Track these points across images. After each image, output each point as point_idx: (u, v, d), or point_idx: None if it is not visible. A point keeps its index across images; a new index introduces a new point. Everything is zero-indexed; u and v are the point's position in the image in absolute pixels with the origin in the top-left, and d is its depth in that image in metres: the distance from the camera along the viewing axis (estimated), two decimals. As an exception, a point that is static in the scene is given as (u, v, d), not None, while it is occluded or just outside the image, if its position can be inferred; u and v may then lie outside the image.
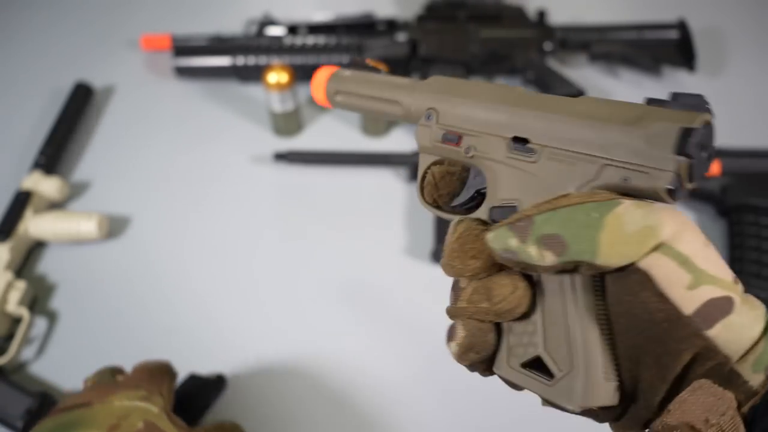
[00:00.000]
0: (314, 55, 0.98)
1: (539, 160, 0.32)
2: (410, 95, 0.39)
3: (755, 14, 1.14)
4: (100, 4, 1.22)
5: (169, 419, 0.50)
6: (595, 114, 0.31)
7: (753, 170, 0.80)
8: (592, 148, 0.30)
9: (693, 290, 0.27)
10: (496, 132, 0.34)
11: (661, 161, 0.28)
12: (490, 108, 0.35)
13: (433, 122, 0.37)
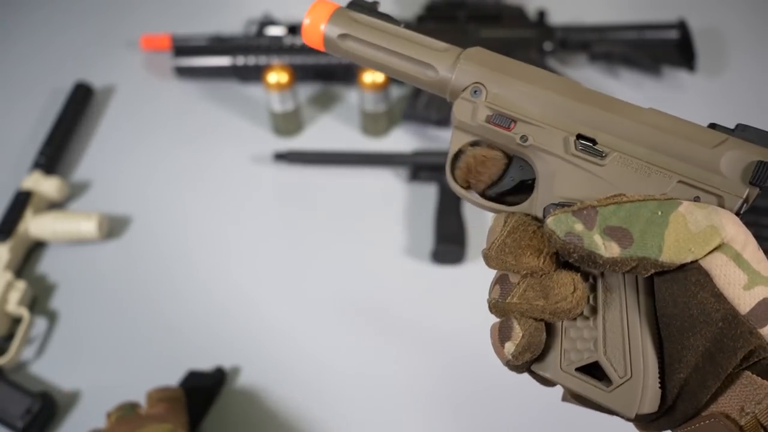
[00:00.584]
0: (314, 55, 0.98)
1: (609, 163, 0.31)
2: (452, 63, 0.35)
3: (755, 14, 1.14)
4: (100, 3, 1.22)
5: None
6: (675, 130, 0.31)
7: None
8: (670, 164, 0.31)
9: (748, 290, 0.28)
10: (560, 125, 0.33)
11: (734, 188, 0.30)
12: (554, 98, 0.33)
13: (481, 99, 0.34)
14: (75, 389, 0.69)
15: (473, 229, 0.81)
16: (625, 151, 0.32)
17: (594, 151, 0.32)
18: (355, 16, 0.37)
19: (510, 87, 0.34)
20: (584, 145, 0.32)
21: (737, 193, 0.30)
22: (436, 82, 0.36)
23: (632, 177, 0.31)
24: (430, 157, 0.86)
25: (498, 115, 0.34)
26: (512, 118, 0.33)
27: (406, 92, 1.01)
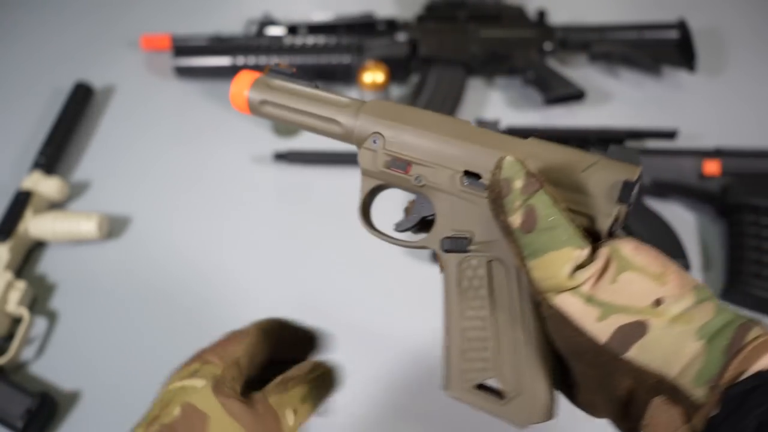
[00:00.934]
0: (314, 55, 0.98)
1: None
2: (353, 117, 0.38)
3: (755, 14, 1.14)
4: (101, 3, 1.22)
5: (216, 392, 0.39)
6: (546, 158, 0.33)
7: (753, 170, 0.80)
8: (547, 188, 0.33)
9: (602, 321, 0.30)
10: (447, 164, 0.35)
11: (604, 207, 0.32)
12: (441, 139, 0.36)
13: (379, 147, 0.38)
14: (75, 389, 0.69)
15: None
16: None
17: (478, 185, 0.34)
18: (271, 83, 0.41)
19: (403, 134, 0.37)
20: (470, 180, 0.35)
21: (607, 212, 0.32)
22: (343, 135, 0.39)
23: None
24: None
25: (395, 160, 0.37)
26: (407, 162, 0.37)
27: (406, 92, 1.01)
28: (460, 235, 0.35)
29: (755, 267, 0.72)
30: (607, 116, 0.95)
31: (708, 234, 0.81)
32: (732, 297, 0.73)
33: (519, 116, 0.97)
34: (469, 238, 0.35)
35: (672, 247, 0.75)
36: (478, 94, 1.01)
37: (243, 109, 0.42)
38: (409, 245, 0.39)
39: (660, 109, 0.96)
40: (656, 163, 0.81)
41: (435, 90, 0.95)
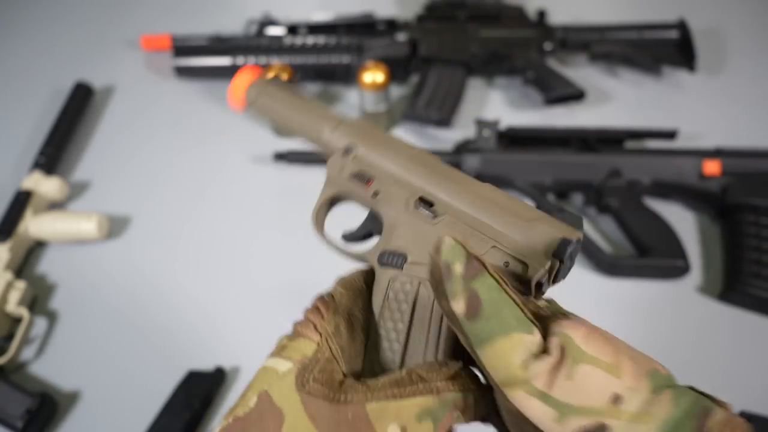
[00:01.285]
0: (314, 55, 0.98)
1: (438, 224, 0.36)
2: (334, 130, 0.41)
3: (755, 14, 1.14)
4: (100, 3, 1.22)
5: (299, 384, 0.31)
6: (497, 202, 0.36)
7: (753, 170, 0.80)
8: (489, 230, 0.35)
9: (560, 423, 0.28)
10: (407, 187, 0.38)
11: (539, 258, 0.33)
12: (407, 165, 0.38)
13: (350, 158, 0.40)
14: (75, 389, 0.69)
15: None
16: (455, 215, 0.36)
17: (430, 211, 0.37)
18: (270, 85, 0.45)
19: (373, 149, 0.40)
20: (423, 206, 0.37)
21: (540, 263, 0.33)
22: (322, 144, 0.42)
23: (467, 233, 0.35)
24: None
25: (360, 173, 0.39)
26: (370, 176, 0.39)
27: (406, 92, 1.01)
28: (400, 251, 0.36)
29: (755, 267, 0.72)
30: (607, 116, 0.95)
31: (708, 234, 0.81)
32: (732, 297, 0.73)
33: (519, 116, 0.97)
34: (405, 256, 0.36)
35: (672, 247, 0.75)
36: (478, 94, 1.01)
37: (239, 102, 0.45)
38: (350, 255, 0.41)
39: (660, 109, 0.96)
40: (656, 163, 0.81)
41: (435, 90, 0.95)
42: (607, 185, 0.81)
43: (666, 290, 0.75)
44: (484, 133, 0.85)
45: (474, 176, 0.44)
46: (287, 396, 0.31)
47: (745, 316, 0.72)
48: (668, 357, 0.72)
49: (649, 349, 0.72)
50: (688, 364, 0.69)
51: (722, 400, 0.30)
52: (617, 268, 0.75)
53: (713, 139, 0.90)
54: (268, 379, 0.32)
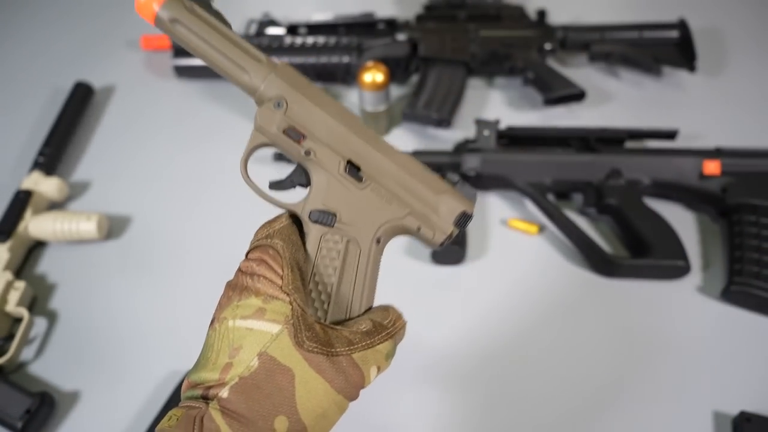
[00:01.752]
0: (314, 55, 0.98)
1: (366, 188, 0.41)
2: (264, 74, 0.41)
3: (755, 14, 1.14)
4: (100, 3, 1.22)
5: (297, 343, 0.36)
6: (415, 174, 0.42)
7: (753, 170, 0.79)
8: (409, 198, 0.42)
9: None
10: (337, 149, 0.41)
11: (444, 226, 0.43)
12: (338, 127, 0.41)
13: (281, 111, 0.41)
14: (75, 389, 0.69)
15: (473, 230, 0.81)
16: (379, 182, 0.41)
17: (357, 176, 0.41)
18: (192, 7, 0.40)
19: (306, 108, 0.41)
20: (351, 170, 0.41)
21: (445, 230, 0.43)
22: (248, 86, 0.42)
23: (378, 202, 0.41)
24: (429, 157, 0.85)
25: (292, 128, 0.41)
26: (302, 134, 0.41)
27: (406, 92, 1.01)
28: (330, 211, 0.40)
29: (755, 267, 0.72)
30: (607, 116, 0.95)
31: (708, 234, 0.81)
32: (732, 297, 0.73)
33: (519, 116, 0.97)
34: (336, 215, 0.40)
35: (672, 248, 0.75)
36: (478, 94, 1.01)
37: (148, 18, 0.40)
38: (277, 204, 0.43)
39: (660, 109, 0.96)
40: (656, 163, 0.81)
41: (435, 90, 0.95)
42: (607, 185, 0.81)
43: (666, 290, 0.75)
44: (484, 133, 0.85)
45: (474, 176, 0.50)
46: (291, 355, 0.36)
47: (745, 316, 0.72)
48: (668, 357, 0.72)
49: (648, 349, 0.73)
50: (689, 364, 0.69)
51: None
52: (617, 269, 0.75)
53: (713, 139, 0.90)
54: (262, 340, 0.36)
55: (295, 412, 0.36)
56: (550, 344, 0.71)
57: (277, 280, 0.38)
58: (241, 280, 0.39)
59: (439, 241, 0.43)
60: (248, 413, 0.35)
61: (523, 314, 0.74)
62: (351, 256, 0.41)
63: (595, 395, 0.66)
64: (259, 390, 0.35)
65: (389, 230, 0.42)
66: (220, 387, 0.36)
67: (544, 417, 0.65)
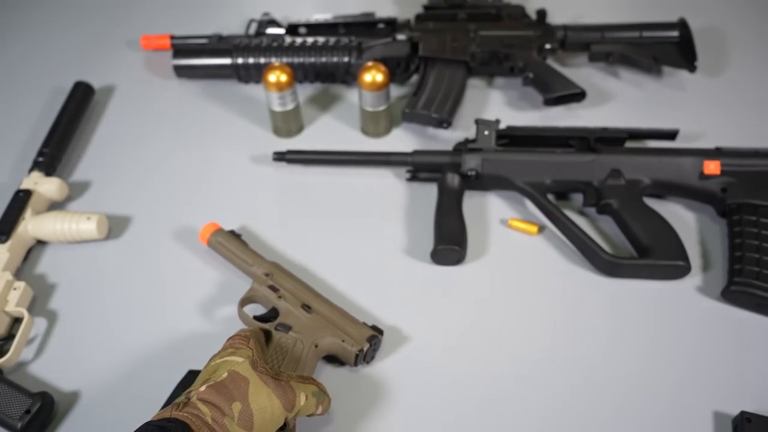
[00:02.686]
0: (314, 55, 0.98)
1: (315, 317, 0.69)
2: (260, 266, 0.74)
3: (756, 14, 1.14)
4: (100, 3, 1.22)
5: (252, 367, 0.57)
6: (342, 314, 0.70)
7: (753, 170, 0.79)
8: (340, 327, 0.69)
9: None
10: (298, 297, 0.71)
11: (361, 343, 0.67)
12: (299, 288, 0.72)
13: (269, 278, 0.73)
14: (74, 389, 0.69)
15: (473, 230, 0.81)
16: (320, 314, 0.70)
17: (309, 310, 0.70)
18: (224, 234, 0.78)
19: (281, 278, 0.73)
20: (305, 307, 0.70)
21: (361, 344, 0.67)
22: (250, 272, 0.75)
23: (319, 325, 0.69)
24: (429, 157, 0.85)
25: (273, 285, 0.73)
26: (279, 288, 0.72)
27: (406, 92, 1.01)
28: (287, 325, 0.69)
29: (755, 267, 0.72)
30: (607, 116, 0.95)
31: (708, 234, 0.81)
32: (732, 297, 0.73)
33: (519, 116, 0.97)
34: (290, 327, 0.68)
35: (673, 248, 0.75)
36: (478, 94, 1.01)
37: (204, 242, 0.79)
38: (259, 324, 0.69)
39: (660, 109, 0.96)
40: (656, 163, 0.81)
41: (435, 90, 0.95)
42: (607, 185, 0.80)
43: (666, 290, 0.75)
44: (484, 133, 0.85)
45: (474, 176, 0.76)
46: (248, 371, 0.57)
47: (745, 316, 0.72)
48: (668, 357, 0.72)
49: (648, 349, 0.73)
50: (689, 365, 0.69)
51: None
52: (617, 269, 0.75)
53: (713, 139, 0.90)
54: (230, 365, 0.57)
55: (247, 402, 0.54)
56: (550, 344, 0.71)
57: (245, 342, 0.61)
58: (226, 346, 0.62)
59: (356, 350, 0.66)
60: (216, 400, 0.53)
61: (523, 314, 0.74)
62: (296, 350, 0.66)
63: (595, 395, 0.66)
64: (225, 387, 0.55)
65: (324, 340, 0.67)
66: (199, 388, 0.54)
67: (543, 417, 0.65)
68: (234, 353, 0.59)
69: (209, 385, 0.54)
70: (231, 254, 0.76)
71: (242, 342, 0.61)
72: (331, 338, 0.67)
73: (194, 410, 0.52)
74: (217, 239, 0.77)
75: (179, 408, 0.52)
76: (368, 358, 0.68)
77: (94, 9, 1.21)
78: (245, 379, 0.56)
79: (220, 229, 0.78)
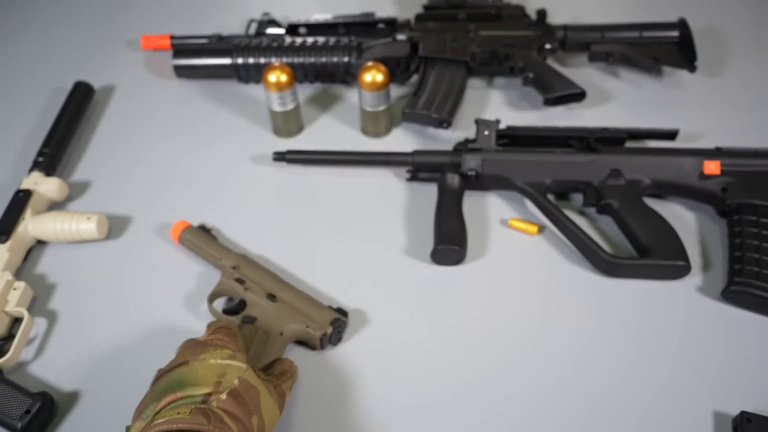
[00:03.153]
0: (314, 55, 0.98)
1: (279, 305, 0.71)
2: (228, 259, 0.76)
3: (756, 14, 1.14)
4: (101, 4, 1.22)
5: (256, 374, 0.58)
6: (307, 299, 0.72)
7: (753, 170, 0.79)
8: (304, 313, 0.70)
9: None
10: (263, 288, 0.73)
11: (325, 327, 0.69)
12: (264, 278, 0.74)
13: (236, 271, 0.75)
14: (74, 389, 0.69)
15: (473, 230, 0.81)
16: (285, 302, 0.71)
17: (273, 299, 0.72)
18: (194, 229, 0.80)
19: (248, 270, 0.75)
20: (270, 297, 0.72)
21: (325, 328, 0.69)
22: (220, 265, 0.76)
23: (283, 313, 0.70)
24: (429, 157, 0.85)
25: (239, 279, 0.74)
26: (245, 281, 0.74)
27: (406, 92, 1.01)
28: (253, 316, 0.70)
29: (755, 267, 0.72)
30: (607, 116, 0.95)
31: (708, 234, 0.81)
32: (732, 297, 0.73)
33: (519, 116, 0.97)
34: (256, 318, 0.70)
35: (673, 248, 0.75)
36: (478, 94, 1.01)
37: (176, 239, 0.80)
38: (226, 319, 0.71)
39: (660, 109, 0.96)
40: (656, 163, 0.81)
41: (435, 90, 0.95)
42: (607, 185, 0.80)
43: (666, 290, 0.75)
44: (484, 133, 0.85)
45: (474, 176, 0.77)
46: (256, 380, 0.57)
47: (745, 316, 0.72)
48: (669, 357, 0.72)
49: (648, 349, 0.73)
50: (689, 365, 0.69)
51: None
52: (617, 269, 0.75)
53: (713, 138, 0.90)
54: (239, 371, 0.57)
55: (260, 415, 0.56)
56: (549, 344, 0.71)
57: (235, 344, 0.61)
58: (215, 341, 0.61)
59: (320, 334, 0.68)
60: (238, 413, 0.54)
61: (523, 314, 0.74)
62: (260, 338, 0.67)
63: (595, 395, 0.66)
64: (242, 397, 0.55)
65: (289, 327, 0.69)
66: (217, 394, 0.54)
67: (543, 416, 0.65)
68: (234, 357, 0.58)
69: (229, 394, 0.54)
70: (200, 250, 0.78)
71: (232, 342, 0.61)
72: (296, 325, 0.69)
73: (223, 425, 0.51)
74: (186, 236, 0.79)
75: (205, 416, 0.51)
76: (333, 340, 0.70)
77: (94, 9, 1.21)
78: (255, 389, 0.56)
79: (189, 226, 0.80)
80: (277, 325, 0.69)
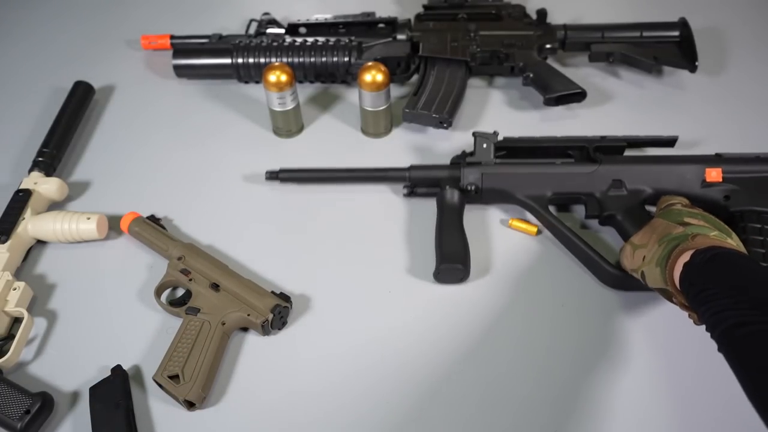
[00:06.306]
0: (314, 55, 0.98)
1: (222, 294, 0.73)
2: (174, 248, 0.78)
3: (756, 14, 1.14)
4: (100, 3, 1.22)
5: None
6: (249, 287, 0.73)
7: (756, 176, 0.77)
8: (245, 302, 0.72)
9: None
10: (207, 278, 0.74)
11: (265, 313, 0.71)
12: (209, 268, 0.75)
13: (181, 262, 0.76)
14: (74, 389, 0.69)
15: (476, 247, 0.79)
16: (228, 291, 0.73)
17: (217, 289, 0.73)
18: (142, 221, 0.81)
19: (193, 260, 0.76)
20: (213, 286, 0.74)
21: (265, 315, 0.70)
22: (166, 254, 0.78)
23: (230, 302, 0.72)
24: (427, 172, 0.83)
25: (185, 269, 0.75)
26: (190, 272, 0.75)
27: (406, 92, 1.01)
28: (196, 308, 0.72)
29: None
30: (607, 116, 0.95)
31: (708, 235, 0.80)
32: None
33: (519, 116, 0.96)
34: (199, 310, 0.72)
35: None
36: (478, 94, 1.01)
37: (125, 229, 0.81)
38: (171, 312, 0.74)
39: (660, 110, 0.96)
40: (658, 172, 0.79)
41: (435, 90, 0.95)
42: (609, 196, 0.79)
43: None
44: (482, 146, 0.83)
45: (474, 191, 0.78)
46: None
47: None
48: (674, 364, 0.71)
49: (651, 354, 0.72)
50: (692, 372, 0.68)
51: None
52: (624, 282, 0.74)
53: (713, 139, 0.90)
54: None
55: None
56: (551, 346, 0.71)
57: None
58: None
59: (261, 321, 0.70)
60: None
61: (522, 314, 0.73)
62: (203, 332, 0.70)
63: (596, 397, 0.66)
64: None
65: (230, 316, 0.71)
66: None
67: (544, 421, 0.65)
68: None
69: None
70: (147, 241, 0.79)
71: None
72: (237, 313, 0.71)
73: None
74: (134, 228, 0.80)
75: None
76: (276, 325, 0.71)
77: (94, 9, 1.21)
78: None
79: (138, 218, 0.80)
80: (220, 315, 0.71)
